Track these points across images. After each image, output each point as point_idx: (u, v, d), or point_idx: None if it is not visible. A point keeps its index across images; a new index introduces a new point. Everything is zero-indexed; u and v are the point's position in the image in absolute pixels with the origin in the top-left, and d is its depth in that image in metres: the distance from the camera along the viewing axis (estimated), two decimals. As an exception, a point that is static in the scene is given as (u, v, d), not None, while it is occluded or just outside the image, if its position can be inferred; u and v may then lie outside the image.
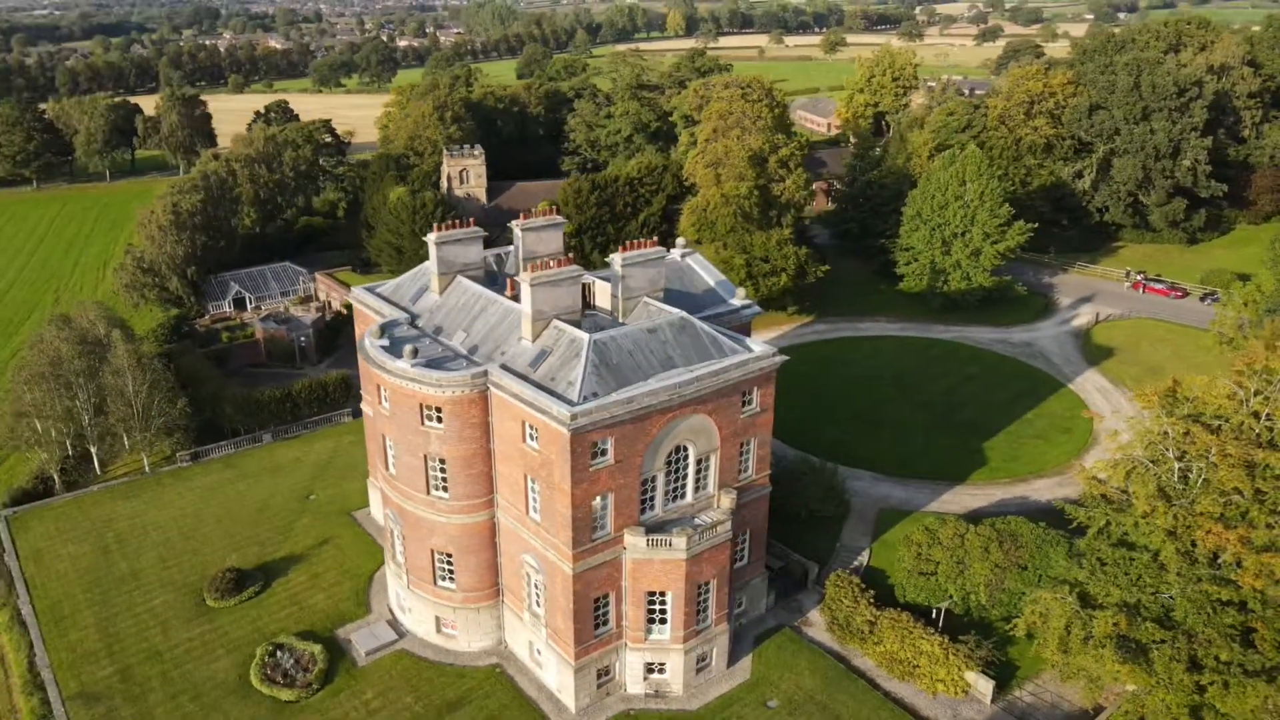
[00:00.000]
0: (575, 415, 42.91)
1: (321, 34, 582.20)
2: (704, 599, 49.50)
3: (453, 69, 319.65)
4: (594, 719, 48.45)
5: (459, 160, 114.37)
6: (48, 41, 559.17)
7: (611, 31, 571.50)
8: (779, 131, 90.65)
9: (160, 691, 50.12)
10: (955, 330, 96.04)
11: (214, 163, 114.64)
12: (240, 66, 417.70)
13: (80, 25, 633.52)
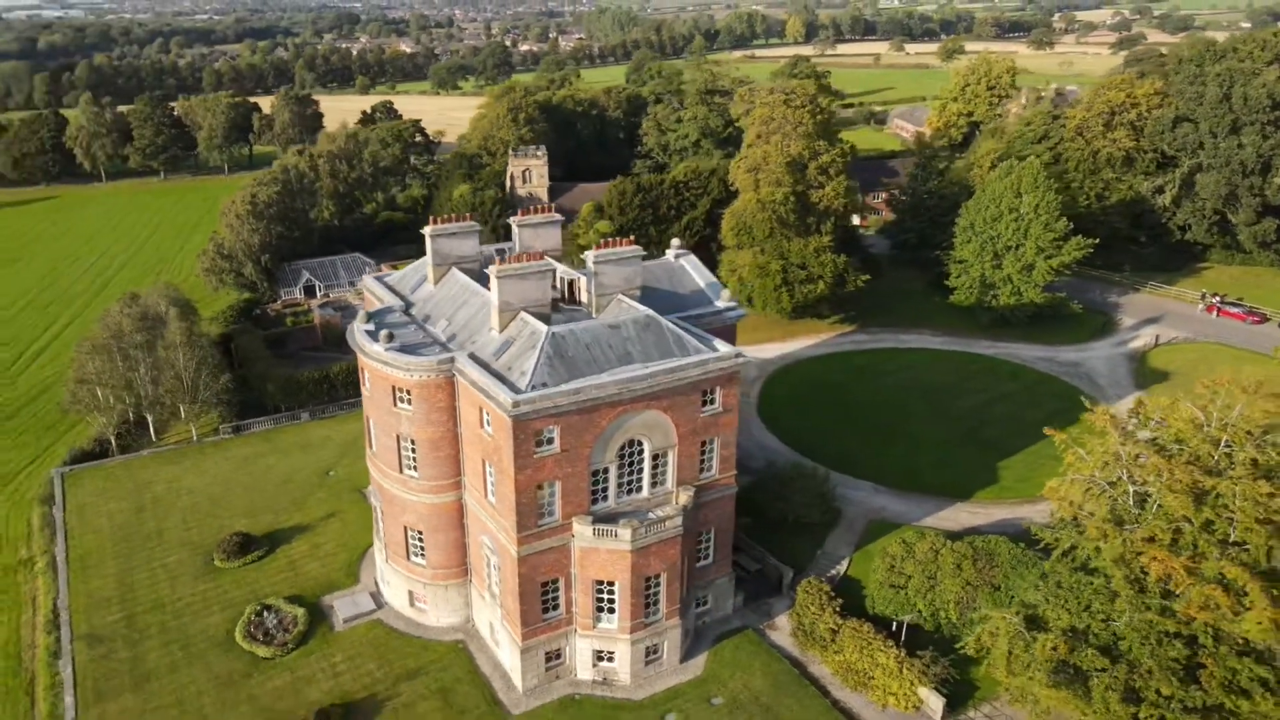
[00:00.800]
0: (518, 403, 44.74)
1: (449, 38, 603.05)
2: (653, 592, 50.47)
3: (562, 72, 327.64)
4: (540, 700, 50.11)
5: (522, 160, 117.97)
6: (202, 44, 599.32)
7: (729, 38, 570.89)
8: (821, 138, 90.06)
9: (156, 639, 54.58)
10: (1000, 346, 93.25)
11: (297, 158, 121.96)
12: (369, 69, 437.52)
13: (233, 29, 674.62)
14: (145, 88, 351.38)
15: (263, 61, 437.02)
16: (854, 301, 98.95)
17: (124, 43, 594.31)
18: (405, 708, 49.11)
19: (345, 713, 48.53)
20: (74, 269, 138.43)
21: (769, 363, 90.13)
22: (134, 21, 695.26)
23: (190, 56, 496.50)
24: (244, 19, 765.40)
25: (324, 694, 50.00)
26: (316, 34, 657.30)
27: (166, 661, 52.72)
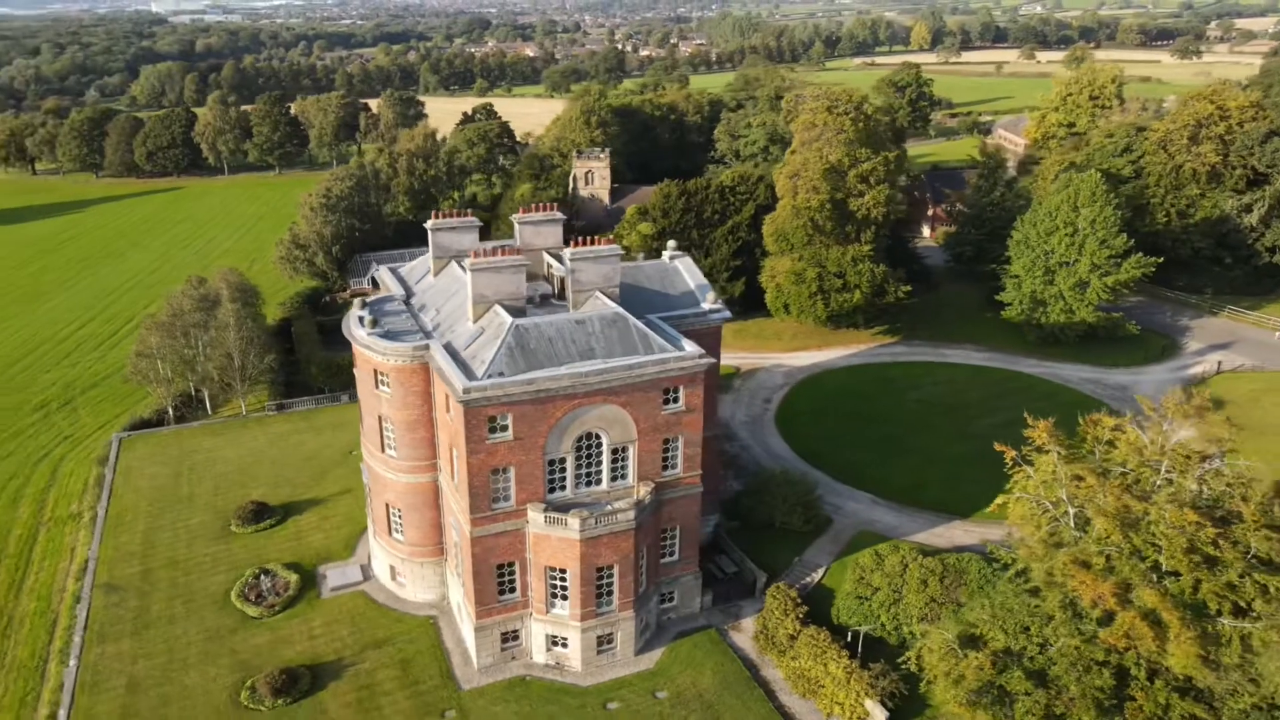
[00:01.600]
0: (469, 389, 46.90)
1: (572, 43, 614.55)
2: (605, 583, 51.71)
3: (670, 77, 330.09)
4: (493, 678, 52.07)
5: (585, 162, 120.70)
6: (342, 48, 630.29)
7: (851, 45, 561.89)
8: (865, 145, 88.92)
9: (163, 592, 59.33)
10: (1045, 366, 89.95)
11: (375, 155, 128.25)
12: (489, 72, 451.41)
13: (372, 33, 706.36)
14: (283, 88, 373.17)
15: (391, 64, 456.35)
16: (899, 313, 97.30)
17: (271, 46, 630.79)
18: (366, 674, 51.94)
19: (311, 674, 51.76)
20: (183, 254, 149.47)
21: (799, 370, 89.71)
22: (283, 26, 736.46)
23: (329, 59, 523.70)
24: (384, 24, 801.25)
25: (296, 654, 53.38)
26: (447, 38, 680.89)
27: (167, 613, 57.28)
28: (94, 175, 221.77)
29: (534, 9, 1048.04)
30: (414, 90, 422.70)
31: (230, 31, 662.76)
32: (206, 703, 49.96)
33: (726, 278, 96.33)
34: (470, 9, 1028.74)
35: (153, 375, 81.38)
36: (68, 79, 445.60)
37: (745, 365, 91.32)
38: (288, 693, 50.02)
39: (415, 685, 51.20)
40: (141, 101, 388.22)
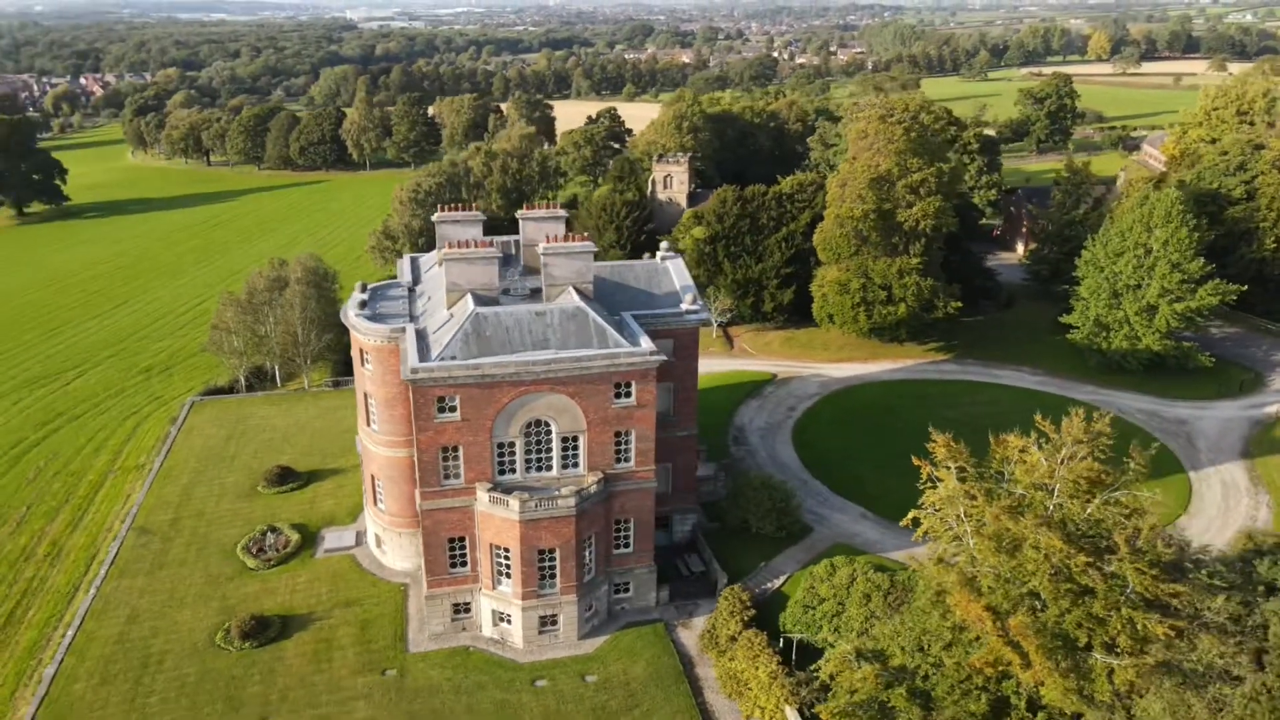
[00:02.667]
0: (416, 370, 50.19)
1: (728, 50, 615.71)
2: (547, 565, 53.75)
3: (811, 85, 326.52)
4: (439, 645, 55.06)
5: (665, 166, 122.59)
6: (509, 52, 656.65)
7: (1019, 54, 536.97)
8: (917, 155, 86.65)
9: (184, 539, 65.81)
10: (1102, 394, 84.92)
11: (469, 153, 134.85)
12: (640, 77, 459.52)
13: (539, 39, 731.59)
14: (445, 91, 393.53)
15: (546, 69, 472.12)
16: (959, 330, 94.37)
17: (445, 51, 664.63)
18: (329, 629, 56.10)
19: (281, 623, 56.43)
20: (308, 241, 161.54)
21: (836, 382, 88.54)
22: (458, 32, 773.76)
23: (493, 64, 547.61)
24: (554, 30, 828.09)
25: (276, 604, 58.23)
26: (609, 45, 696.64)
27: (180, 557, 63.60)
28: (256, 167, 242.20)
29: (701, 16, 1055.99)
30: (567, 94, 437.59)
31: (409, 37, 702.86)
32: (188, 638, 55.42)
33: (776, 285, 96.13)
34: (639, 16, 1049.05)
35: (226, 347, 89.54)
36: (259, 80, 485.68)
37: (783, 373, 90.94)
38: (255, 637, 54.81)
39: (368, 644, 54.92)
40: (318, 102, 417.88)
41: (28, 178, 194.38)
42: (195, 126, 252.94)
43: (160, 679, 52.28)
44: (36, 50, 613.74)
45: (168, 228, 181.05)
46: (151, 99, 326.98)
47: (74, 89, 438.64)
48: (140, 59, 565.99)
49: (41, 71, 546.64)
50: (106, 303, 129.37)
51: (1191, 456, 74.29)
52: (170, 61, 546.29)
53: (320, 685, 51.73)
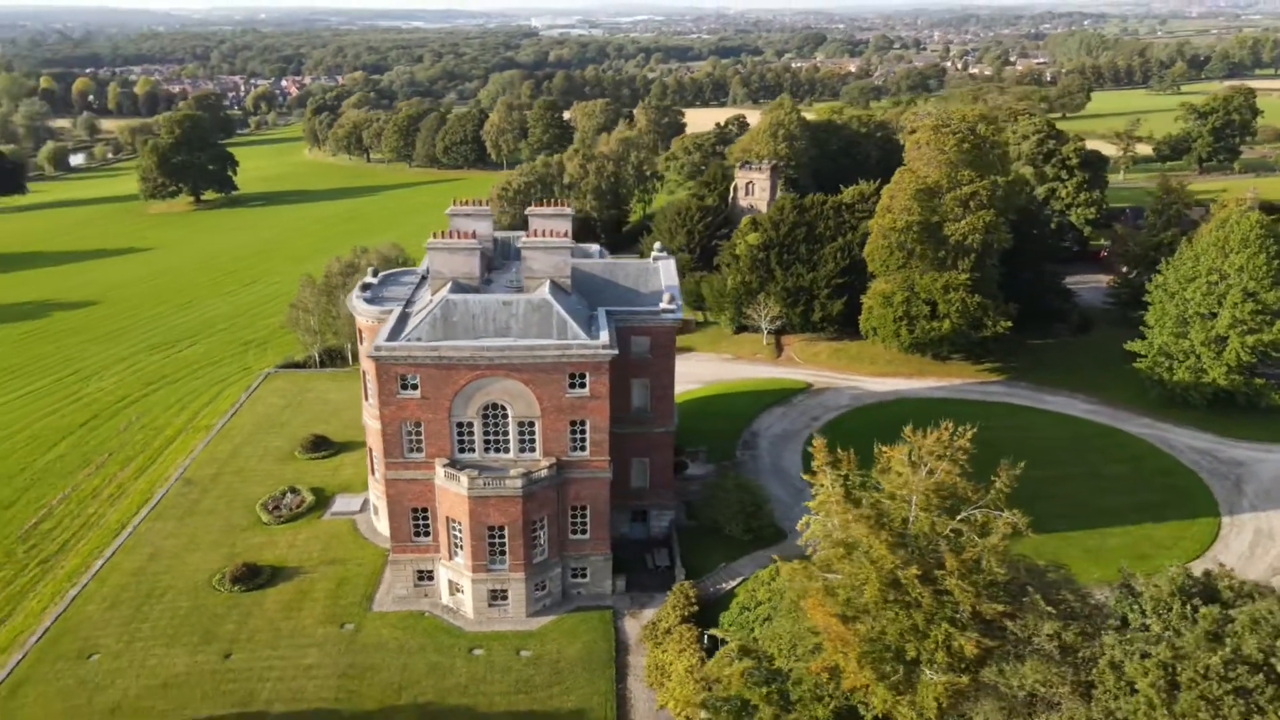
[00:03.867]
0: (379, 348, 54.33)
1: (898, 60, 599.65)
2: (497, 542, 56.57)
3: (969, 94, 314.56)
4: (399, 607, 58.87)
5: (747, 173, 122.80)
6: (677, 60, 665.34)
7: (1223, 65, 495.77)
8: (971, 168, 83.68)
9: (218, 492, 73.00)
10: (1156, 428, 79.48)
11: (561, 156, 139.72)
12: (799, 86, 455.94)
13: (709, 47, 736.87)
14: (605, 96, 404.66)
15: (705, 77, 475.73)
16: (1019, 351, 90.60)
17: (615, 58, 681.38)
18: (309, 582, 61.12)
19: (271, 572, 62.03)
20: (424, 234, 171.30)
21: (870, 395, 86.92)
22: (631, 40, 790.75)
23: (659, 71, 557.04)
24: (726, 39, 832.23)
25: (272, 556, 63.95)
26: (778, 53, 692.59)
27: (209, 508, 70.70)
28: (407, 165, 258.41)
29: (883, 24, 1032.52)
30: (724, 101, 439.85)
31: (582, 44, 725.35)
32: (191, 578, 61.85)
33: (827, 294, 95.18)
34: (818, 24, 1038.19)
35: (301, 325, 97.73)
36: (436, 83, 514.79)
37: (820, 383, 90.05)
38: (244, 582, 60.56)
39: (338, 599, 59.51)
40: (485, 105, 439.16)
41: (204, 169, 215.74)
42: (358, 125, 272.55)
43: (157, 609, 58.76)
44: (250, 54, 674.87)
45: (311, 218, 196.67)
46: (331, 99, 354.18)
47: (273, 90, 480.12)
48: (336, 63, 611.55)
49: (251, 74, 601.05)
50: (235, 283, 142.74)
51: (1233, 501, 68.66)
52: (361, 65, 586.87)
53: (285, 630, 56.67)
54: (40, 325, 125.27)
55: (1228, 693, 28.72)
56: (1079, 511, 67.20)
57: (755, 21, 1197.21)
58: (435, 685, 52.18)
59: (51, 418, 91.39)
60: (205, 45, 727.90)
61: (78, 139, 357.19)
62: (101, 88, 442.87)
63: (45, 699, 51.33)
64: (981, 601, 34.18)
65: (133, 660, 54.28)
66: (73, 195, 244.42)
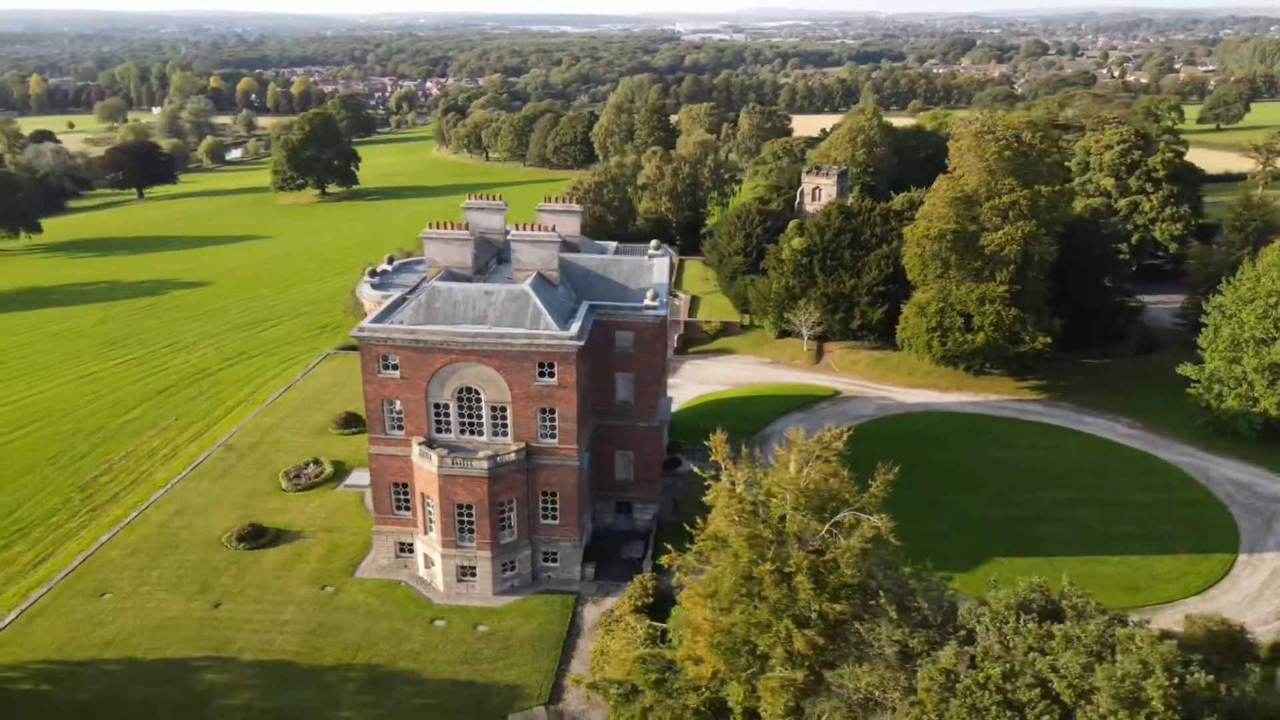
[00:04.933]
0: (361, 329, 57.88)
1: (1049, 67, 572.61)
2: (465, 520, 59.06)
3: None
4: (379, 575, 62.23)
5: (814, 179, 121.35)
6: (813, 65, 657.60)
7: None
8: (1012, 176, 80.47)
9: (251, 460, 78.71)
10: (1196, 457, 74.55)
11: (651, 158, 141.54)
12: (933, 93, 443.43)
13: (849, 53, 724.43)
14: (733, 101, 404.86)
15: (835, 83, 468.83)
16: (1070, 370, 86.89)
17: (751, 63, 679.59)
18: (305, 546, 65.35)
19: (275, 534, 66.71)
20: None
21: (897, 406, 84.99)
22: (769, 45, 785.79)
23: (794, 76, 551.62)
24: (869, 44, 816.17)
25: (281, 520, 68.64)
26: (919, 59, 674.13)
27: (240, 473, 76.39)
28: (521, 164, 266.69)
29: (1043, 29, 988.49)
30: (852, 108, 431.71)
31: (719, 49, 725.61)
32: (205, 534, 67.21)
33: (868, 302, 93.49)
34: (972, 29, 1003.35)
35: (360, 310, 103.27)
36: (569, 86, 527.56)
37: (849, 391, 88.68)
38: (249, 541, 65.41)
39: (327, 564, 63.47)
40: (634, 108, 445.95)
41: (330, 164, 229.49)
42: (478, 125, 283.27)
43: (169, 560, 64.28)
44: (403, 57, 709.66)
45: (421, 212, 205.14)
46: (463, 101, 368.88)
47: (416, 91, 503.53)
48: (479, 66, 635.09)
49: (401, 75, 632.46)
50: (330, 271, 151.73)
51: (1258, 538, 63.89)
52: (502, 69, 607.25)
53: (272, 587, 60.98)
54: (154, 302, 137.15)
55: (997, 703, 27.63)
56: (1084, 537, 64.20)
57: (904, 27, 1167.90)
58: (390, 649, 55.12)
59: (137, 385, 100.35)
60: (363, 48, 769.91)
61: (236, 135, 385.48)
62: (263, 87, 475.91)
63: (53, 629, 57.20)
64: (824, 601, 33.97)
65: (137, 602, 59.70)
66: (217, 186, 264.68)
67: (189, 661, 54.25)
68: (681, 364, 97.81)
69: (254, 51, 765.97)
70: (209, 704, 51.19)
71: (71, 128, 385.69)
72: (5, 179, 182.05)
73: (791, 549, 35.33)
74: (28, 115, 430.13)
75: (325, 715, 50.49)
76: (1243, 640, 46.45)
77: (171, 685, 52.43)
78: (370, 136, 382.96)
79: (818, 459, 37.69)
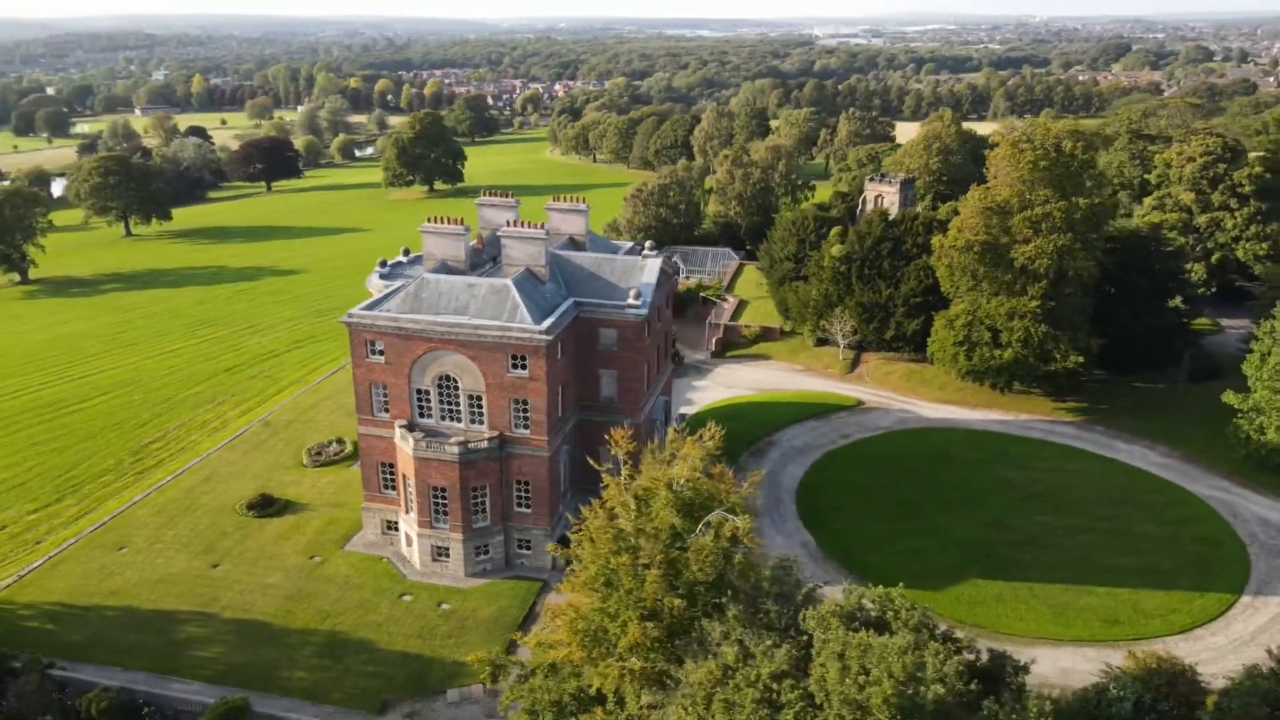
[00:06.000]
0: (351, 315, 61.22)
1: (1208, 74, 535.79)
2: (440, 502, 61.52)
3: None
4: (367, 550, 65.44)
5: (877, 186, 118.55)
6: (949, 71, 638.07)
7: None
8: (1048, 187, 76.89)
9: (283, 436, 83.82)
10: (1231, 492, 69.70)
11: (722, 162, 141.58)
12: (1071, 100, 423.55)
13: (988, 58, 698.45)
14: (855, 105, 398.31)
15: (966, 89, 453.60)
16: (1117, 392, 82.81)
17: (883, 68, 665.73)
18: (307, 519, 69.31)
19: (284, 504, 71.13)
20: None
21: (917, 420, 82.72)
22: (905, 50, 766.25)
23: (926, 82, 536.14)
24: (1016, 49, 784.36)
25: (293, 493, 73.05)
26: (1064, 66, 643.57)
27: (270, 448, 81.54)
28: (625, 166, 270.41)
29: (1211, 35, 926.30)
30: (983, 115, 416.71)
31: (852, 54, 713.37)
32: (223, 501, 72.24)
33: (903, 313, 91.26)
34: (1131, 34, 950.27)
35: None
36: (693, 90, 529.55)
37: (872, 402, 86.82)
38: (258, 510, 70.03)
39: (321, 536, 67.26)
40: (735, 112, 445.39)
41: (438, 162, 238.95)
42: (586, 127, 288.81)
43: (186, 522, 69.52)
44: (536, 60, 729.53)
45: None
46: (581, 103, 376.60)
47: (542, 93, 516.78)
48: (608, 69, 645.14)
49: (532, 78, 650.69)
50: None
51: (1269, 581, 59.45)
52: (630, 72, 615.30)
53: (268, 553, 65.13)
54: (250, 287, 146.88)
55: (755, 700, 27.21)
56: (1077, 566, 61.23)
57: (1058, 31, 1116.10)
58: (356, 619, 58.13)
59: (209, 363, 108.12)
60: (500, 52, 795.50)
61: (369, 133, 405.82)
62: (398, 88, 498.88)
63: (70, 575, 62.97)
64: (670, 596, 34.26)
65: (147, 558, 64.97)
66: (337, 181, 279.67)
67: (176, 614, 58.78)
68: (714, 368, 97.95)
69: (399, 54, 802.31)
70: (184, 654, 55.36)
71: (224, 124, 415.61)
72: (142, 171, 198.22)
73: (645, 542, 35.81)
74: (188, 112, 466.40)
75: (281, 673, 53.84)
76: (1186, 681, 43.71)
77: (156, 634, 56.96)
78: (492, 137, 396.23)
79: (687, 458, 37.90)
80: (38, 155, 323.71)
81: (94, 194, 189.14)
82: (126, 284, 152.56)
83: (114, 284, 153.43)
